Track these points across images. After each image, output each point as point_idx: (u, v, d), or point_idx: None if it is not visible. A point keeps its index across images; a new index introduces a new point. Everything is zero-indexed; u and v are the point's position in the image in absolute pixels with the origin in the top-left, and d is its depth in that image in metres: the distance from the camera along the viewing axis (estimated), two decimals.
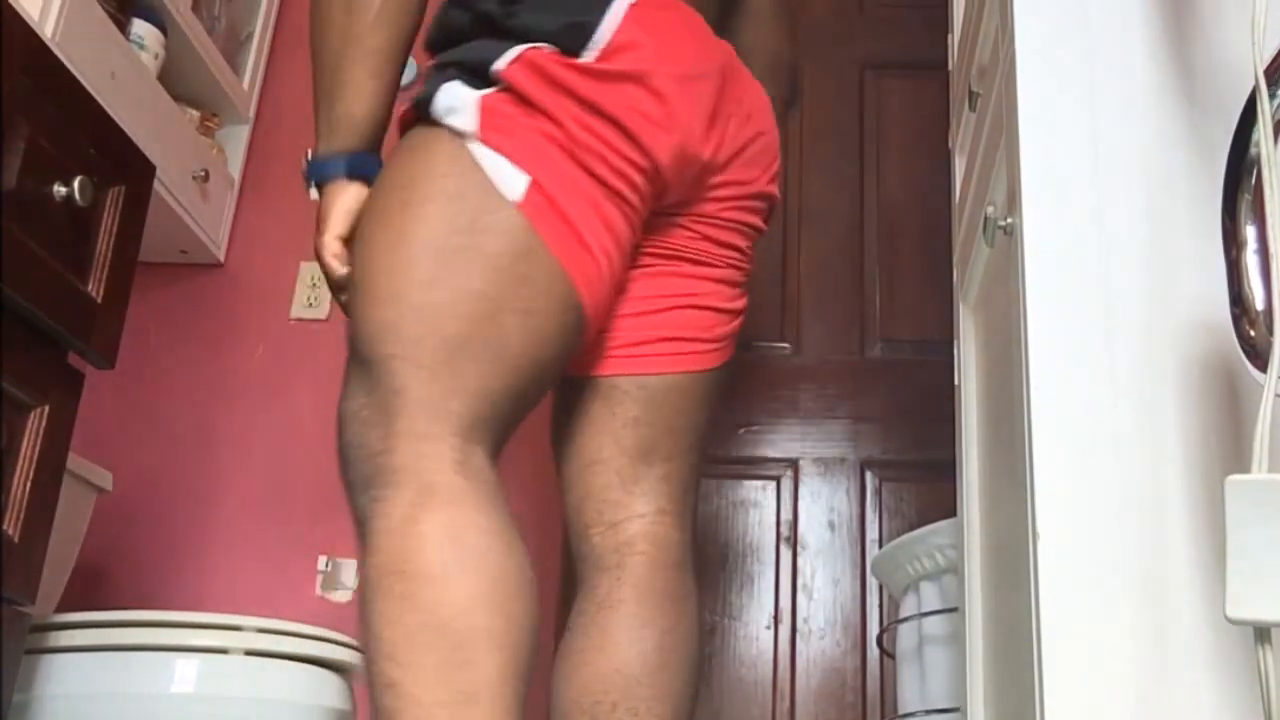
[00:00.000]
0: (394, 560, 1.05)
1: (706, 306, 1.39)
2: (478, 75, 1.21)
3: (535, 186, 1.17)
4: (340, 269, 1.26)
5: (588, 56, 1.20)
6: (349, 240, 1.26)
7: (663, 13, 1.28)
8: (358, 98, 1.25)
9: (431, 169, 1.19)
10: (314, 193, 1.30)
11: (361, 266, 1.20)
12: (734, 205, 1.38)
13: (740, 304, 1.44)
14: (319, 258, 1.28)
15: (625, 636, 1.29)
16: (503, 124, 1.18)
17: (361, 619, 1.06)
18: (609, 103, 1.20)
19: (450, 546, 1.05)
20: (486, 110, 1.19)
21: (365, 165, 1.27)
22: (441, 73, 1.24)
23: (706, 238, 1.38)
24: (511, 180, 1.17)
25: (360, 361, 1.17)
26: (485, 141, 1.18)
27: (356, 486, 1.13)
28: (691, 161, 1.28)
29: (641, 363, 1.36)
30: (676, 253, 1.37)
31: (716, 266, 1.40)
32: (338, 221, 1.26)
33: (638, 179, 1.23)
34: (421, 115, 1.23)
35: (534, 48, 1.19)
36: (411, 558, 1.04)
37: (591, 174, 1.20)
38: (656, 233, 1.34)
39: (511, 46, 1.20)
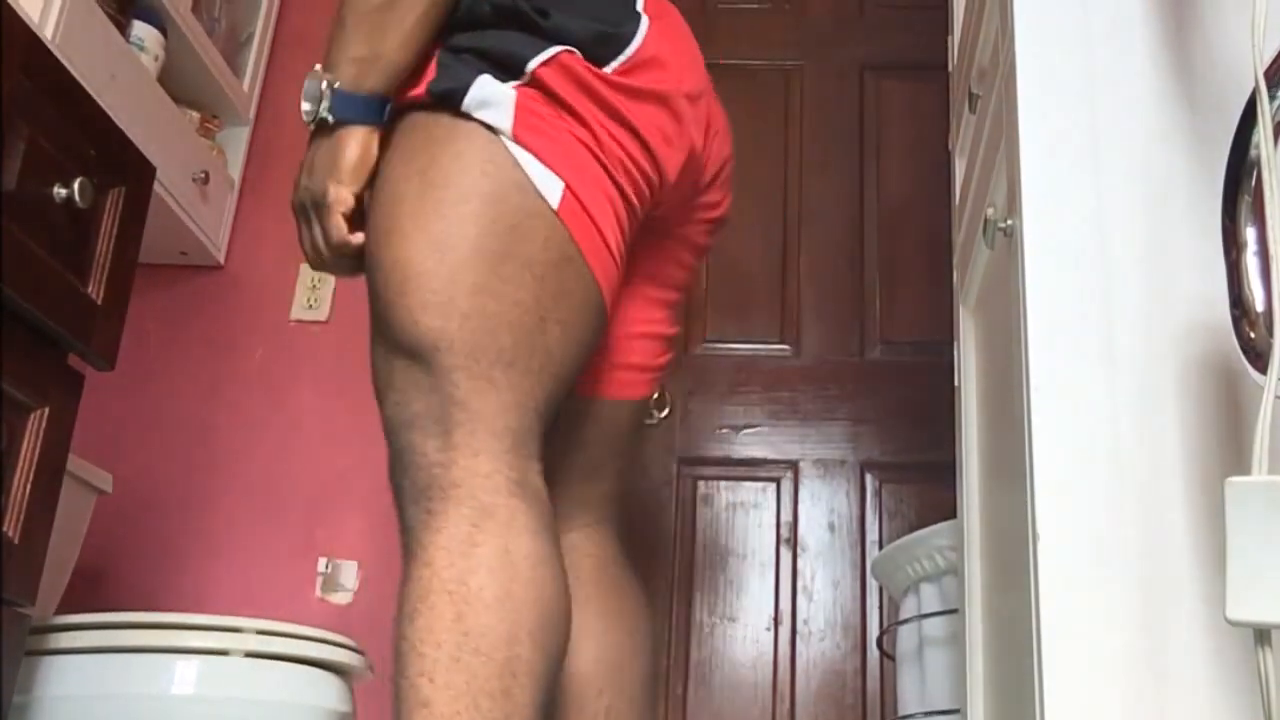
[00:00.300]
0: (447, 579, 1.03)
1: (658, 335, 1.43)
2: (503, 68, 1.17)
3: (569, 191, 1.16)
4: (345, 229, 1.18)
5: (613, 67, 1.20)
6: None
7: (672, 21, 1.29)
8: (405, 45, 1.17)
9: (466, 164, 1.14)
10: (312, 120, 1.18)
11: (403, 267, 1.12)
12: (704, 228, 1.41)
13: (676, 331, 1.47)
14: (323, 210, 1.18)
15: (599, 626, 1.35)
16: (536, 123, 1.16)
17: (400, 631, 1.04)
18: (634, 116, 1.20)
19: (505, 573, 1.04)
20: (521, 107, 1.16)
21: (386, 115, 1.20)
22: (458, 58, 1.18)
23: (674, 260, 1.41)
24: (549, 184, 1.15)
25: (415, 363, 1.12)
26: (518, 139, 1.15)
27: (408, 494, 1.10)
28: (691, 176, 1.30)
29: (606, 386, 1.39)
30: (649, 273, 1.39)
31: (671, 290, 1.43)
32: (359, 174, 1.18)
33: (646, 191, 1.23)
34: (442, 104, 1.17)
35: (568, 51, 1.17)
36: (466, 580, 1.03)
37: (614, 180, 1.19)
38: (640, 250, 1.34)
39: (547, 46, 1.17)
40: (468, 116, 1.15)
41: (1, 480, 1.34)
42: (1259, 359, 0.82)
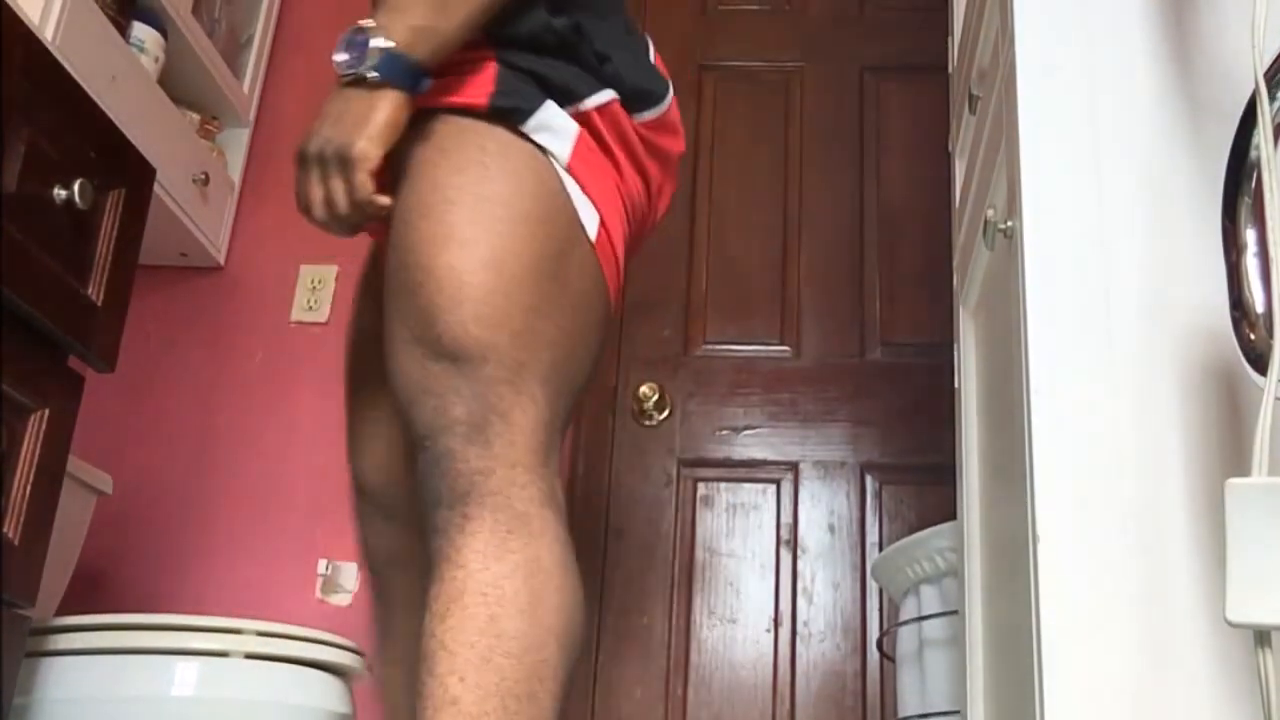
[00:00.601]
0: (482, 581, 1.06)
1: None
2: (559, 98, 1.21)
3: (603, 225, 1.22)
4: (372, 187, 1.16)
5: (640, 119, 1.27)
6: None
7: (673, 87, 1.37)
8: (465, 27, 1.17)
9: (522, 184, 1.18)
10: (349, 73, 1.15)
11: (457, 276, 1.14)
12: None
13: None
14: (348, 164, 1.15)
15: None
16: (588, 157, 1.22)
17: (429, 629, 1.06)
18: (648, 166, 1.29)
19: (537, 579, 1.07)
20: (580, 140, 1.21)
21: (422, 88, 1.19)
22: (518, 77, 1.21)
23: None
24: (589, 216, 1.21)
25: (456, 370, 1.13)
26: (570, 169, 1.20)
27: (444, 498, 1.11)
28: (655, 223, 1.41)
29: None
30: None
31: None
32: (389, 137, 1.16)
33: (639, 231, 1.32)
34: (499, 118, 1.19)
35: (616, 99, 1.24)
36: (500, 583, 1.06)
37: (628, 217, 1.27)
38: None
39: (600, 88, 1.23)
40: (523, 135, 1.18)
41: (1, 482, 1.34)
42: (1259, 361, 0.82)
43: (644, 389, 2.39)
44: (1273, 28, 0.85)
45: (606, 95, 1.23)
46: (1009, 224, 1.12)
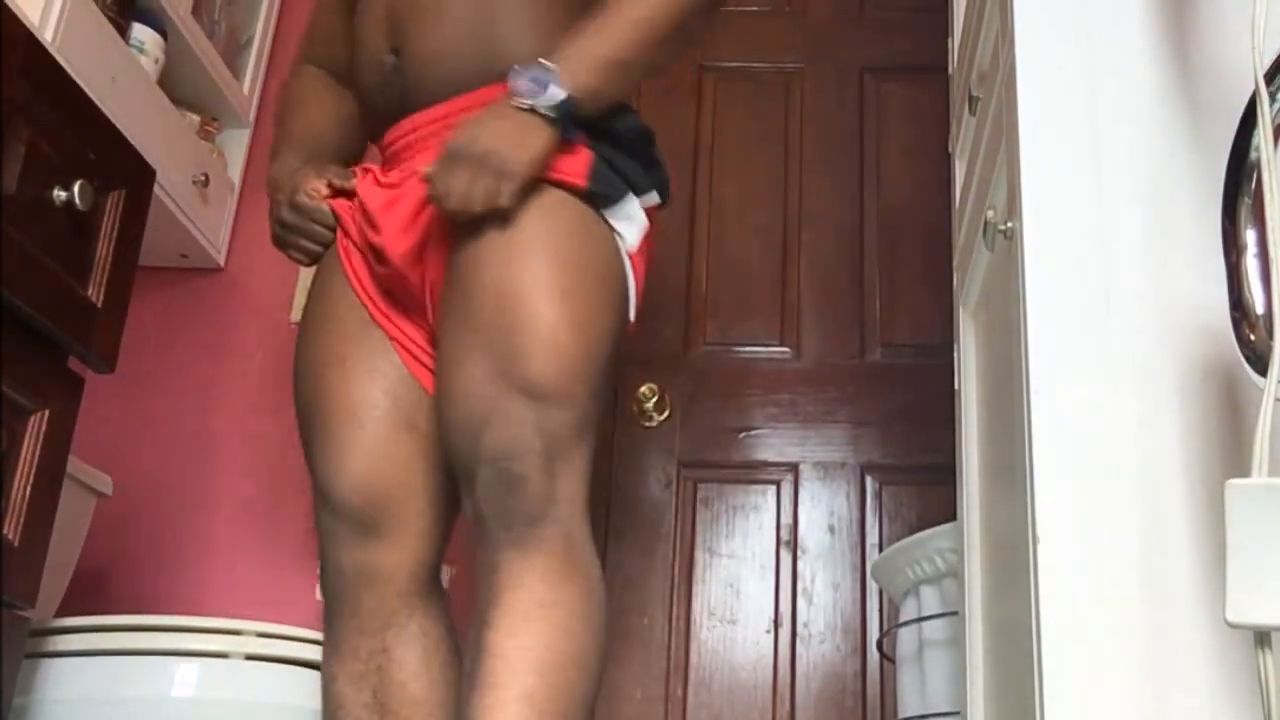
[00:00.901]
0: (541, 597, 1.20)
1: None
2: (631, 190, 1.40)
3: (637, 309, 1.42)
4: (513, 200, 1.31)
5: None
6: None
7: None
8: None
9: (605, 260, 1.36)
10: (525, 101, 1.30)
11: (552, 327, 1.29)
12: None
13: None
14: (504, 176, 1.30)
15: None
16: (641, 249, 1.42)
17: (490, 640, 1.19)
18: (649, 255, 1.47)
19: (584, 603, 1.23)
20: (645, 234, 1.42)
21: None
22: (608, 167, 1.36)
23: None
24: (632, 299, 1.41)
25: (534, 407, 1.27)
26: (631, 258, 1.39)
27: (511, 514, 1.24)
28: None
29: None
30: None
31: None
32: (541, 167, 1.32)
33: None
34: (588, 199, 1.35)
35: (659, 200, 1.46)
36: (561, 601, 1.21)
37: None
38: None
39: (651, 189, 1.44)
40: (603, 218, 1.35)
41: (1, 483, 1.34)
42: (1259, 361, 0.82)
43: (644, 390, 2.38)
44: (1273, 28, 0.85)
45: (656, 198, 1.44)
46: (1009, 224, 1.12)
